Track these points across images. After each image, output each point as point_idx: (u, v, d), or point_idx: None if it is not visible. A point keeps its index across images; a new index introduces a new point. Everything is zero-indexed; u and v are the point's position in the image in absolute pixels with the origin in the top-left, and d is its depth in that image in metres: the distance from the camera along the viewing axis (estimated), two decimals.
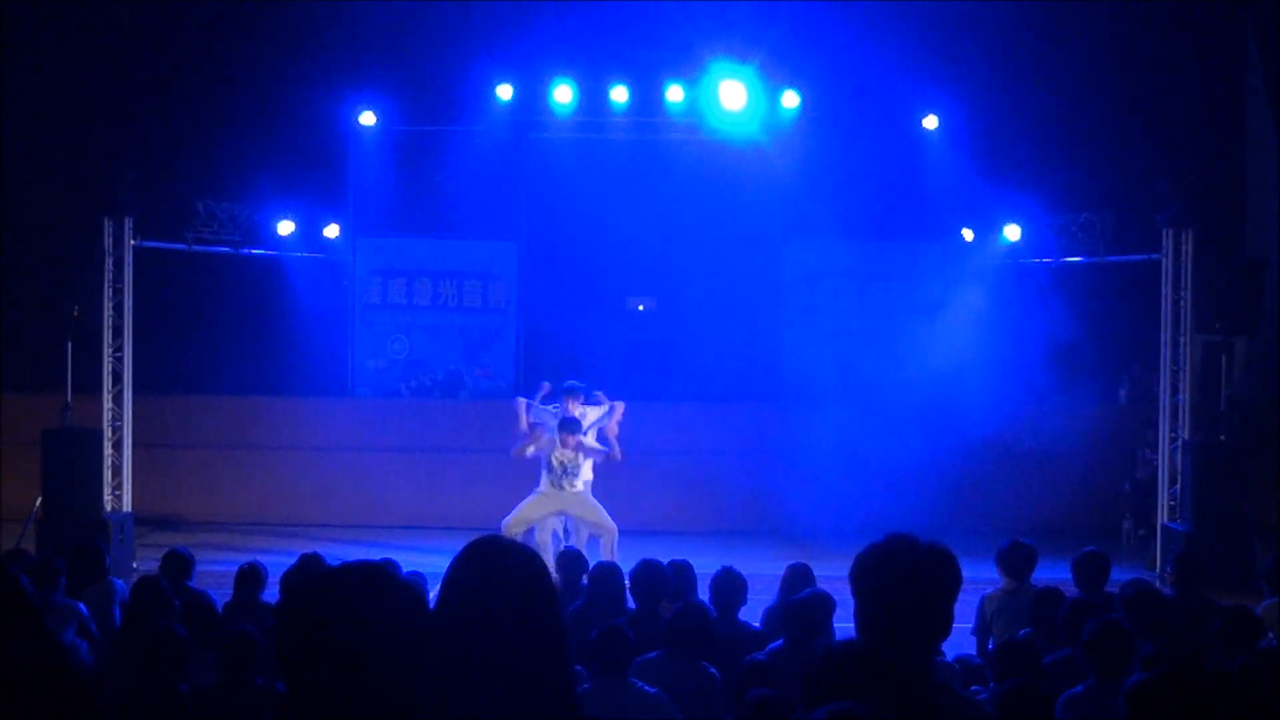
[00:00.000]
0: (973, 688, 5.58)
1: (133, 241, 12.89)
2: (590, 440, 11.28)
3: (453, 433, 14.99)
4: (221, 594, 7.86)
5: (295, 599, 2.19)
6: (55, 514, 11.98)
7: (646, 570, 7.04)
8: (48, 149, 15.62)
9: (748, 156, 15.42)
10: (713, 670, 5.78)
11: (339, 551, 11.61)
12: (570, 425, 11.04)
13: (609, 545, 10.84)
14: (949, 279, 15.14)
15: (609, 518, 11.01)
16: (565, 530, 11.54)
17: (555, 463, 10.96)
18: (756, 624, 7.34)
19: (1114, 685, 4.84)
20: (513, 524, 10.93)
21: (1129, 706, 3.43)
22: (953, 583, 2.79)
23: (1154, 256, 12.83)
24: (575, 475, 11.06)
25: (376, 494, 14.69)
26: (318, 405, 15.50)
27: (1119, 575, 7.89)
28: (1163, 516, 12.58)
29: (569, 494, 11.05)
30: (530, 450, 11.09)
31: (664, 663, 5.77)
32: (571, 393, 11.46)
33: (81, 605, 6.90)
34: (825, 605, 6.45)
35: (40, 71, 15.57)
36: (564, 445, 10.95)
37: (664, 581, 6.98)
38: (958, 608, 2.85)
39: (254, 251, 14.59)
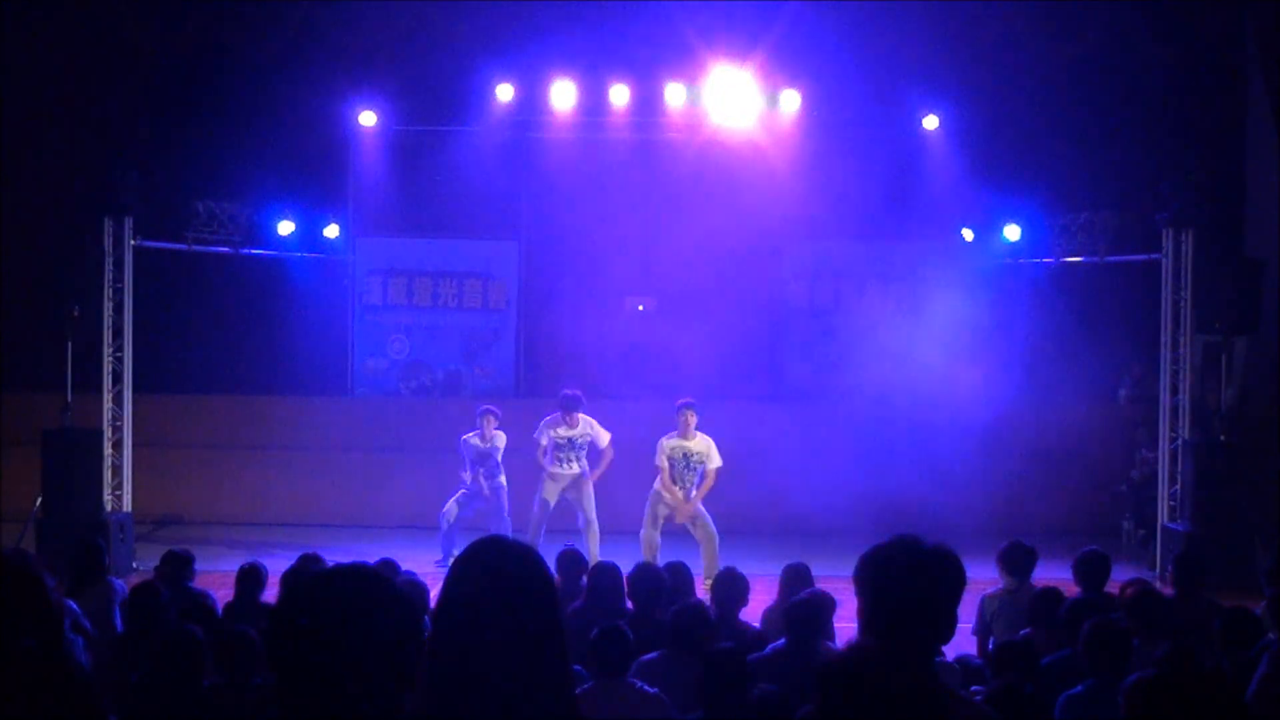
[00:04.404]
0: (973, 688, 5.58)
1: (133, 241, 12.89)
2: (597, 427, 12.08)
3: (453, 433, 14.99)
4: (221, 594, 7.86)
5: (288, 600, 2.20)
6: (55, 514, 11.98)
7: (643, 572, 7.04)
8: (48, 149, 15.61)
9: (748, 156, 15.42)
10: None
11: (339, 551, 11.62)
12: (572, 401, 11.86)
13: (592, 537, 11.89)
14: (949, 279, 15.14)
15: (594, 510, 11.98)
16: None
17: (560, 440, 11.87)
18: (756, 624, 7.35)
19: (1114, 685, 4.85)
20: (537, 519, 11.92)
21: (1127, 706, 3.44)
22: (956, 584, 2.80)
23: (1154, 256, 12.83)
24: (579, 452, 11.88)
25: (376, 494, 14.69)
26: (318, 405, 15.51)
27: (1119, 575, 7.89)
28: (1163, 516, 12.59)
29: (569, 473, 11.93)
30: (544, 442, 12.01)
31: (664, 663, 5.77)
32: (573, 403, 11.97)
33: (71, 602, 6.88)
34: (826, 605, 6.46)
35: (40, 72, 15.57)
36: (569, 424, 11.85)
37: (660, 584, 6.97)
38: (958, 608, 2.85)
39: (254, 251, 14.59)
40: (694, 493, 11.48)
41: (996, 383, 13.98)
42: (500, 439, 12.47)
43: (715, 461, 11.53)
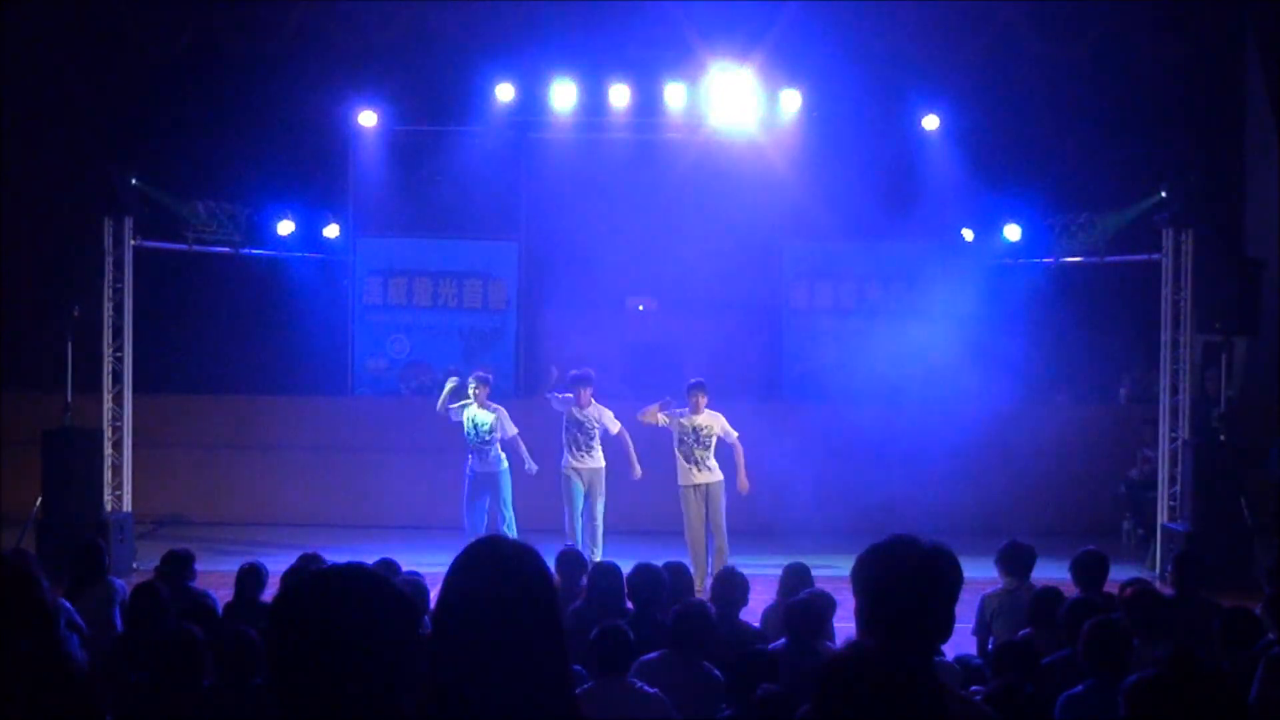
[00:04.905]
0: (973, 688, 5.58)
1: (133, 241, 12.90)
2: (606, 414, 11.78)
3: (452, 433, 14.99)
4: (222, 594, 7.87)
5: (285, 600, 2.20)
6: (55, 514, 11.98)
7: (643, 573, 7.04)
8: (48, 149, 15.61)
9: (748, 156, 15.42)
10: (715, 671, 5.77)
11: (339, 551, 11.61)
12: (584, 379, 11.62)
13: (597, 535, 11.59)
14: (949, 279, 15.14)
15: (602, 508, 11.67)
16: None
17: (574, 422, 11.58)
18: (756, 624, 7.35)
19: (1114, 685, 4.85)
20: (571, 517, 11.65)
21: (1127, 706, 3.44)
22: (954, 583, 2.80)
23: (1154, 256, 12.84)
24: (593, 439, 11.62)
25: (376, 494, 14.69)
26: (318, 405, 15.51)
27: (1119, 575, 7.89)
28: (1163, 516, 12.59)
29: (590, 467, 11.61)
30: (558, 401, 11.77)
31: (666, 663, 5.77)
32: (582, 380, 11.75)
33: (65, 601, 6.89)
34: (826, 605, 6.47)
35: (40, 72, 15.57)
36: (580, 405, 11.58)
37: (660, 585, 6.97)
38: (958, 608, 2.85)
39: (254, 251, 14.59)
40: (739, 475, 11.60)
41: (996, 383, 13.97)
42: (493, 415, 11.97)
43: (732, 432, 11.60)
